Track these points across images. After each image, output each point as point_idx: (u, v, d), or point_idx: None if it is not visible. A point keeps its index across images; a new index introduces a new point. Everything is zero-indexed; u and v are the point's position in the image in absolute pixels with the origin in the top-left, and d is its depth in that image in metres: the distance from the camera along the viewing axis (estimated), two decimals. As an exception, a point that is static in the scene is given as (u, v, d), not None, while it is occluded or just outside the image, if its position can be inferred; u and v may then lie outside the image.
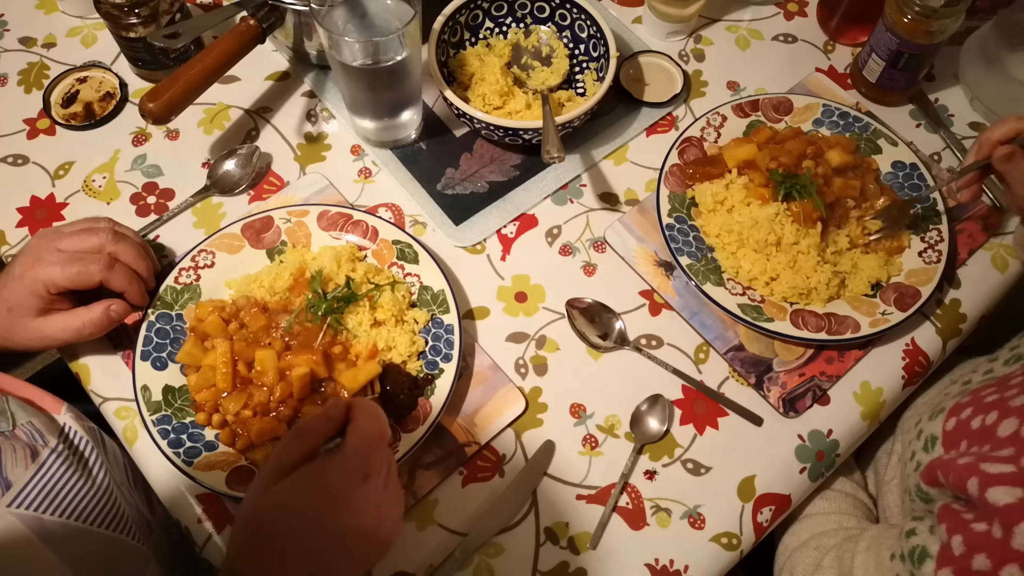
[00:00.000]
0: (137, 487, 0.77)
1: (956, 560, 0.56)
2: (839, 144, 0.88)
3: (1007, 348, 0.76)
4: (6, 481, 0.62)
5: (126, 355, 0.80)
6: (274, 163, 0.92)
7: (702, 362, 0.83)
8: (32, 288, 0.72)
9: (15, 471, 0.62)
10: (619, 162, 0.94)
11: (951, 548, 0.57)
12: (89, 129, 0.93)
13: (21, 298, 0.72)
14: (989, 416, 0.59)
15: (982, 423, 0.60)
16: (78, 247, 0.74)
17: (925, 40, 0.88)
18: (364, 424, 0.58)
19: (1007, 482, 0.53)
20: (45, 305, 0.73)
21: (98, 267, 0.73)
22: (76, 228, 0.76)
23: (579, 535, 0.75)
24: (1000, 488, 0.53)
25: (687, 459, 0.78)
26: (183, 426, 0.74)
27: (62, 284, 0.72)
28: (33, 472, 0.63)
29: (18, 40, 0.99)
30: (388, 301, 0.78)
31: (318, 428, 0.58)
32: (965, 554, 0.55)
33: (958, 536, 0.56)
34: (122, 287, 0.75)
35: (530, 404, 0.80)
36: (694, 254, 0.84)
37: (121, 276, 0.75)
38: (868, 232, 0.85)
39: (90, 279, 0.73)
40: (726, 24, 1.04)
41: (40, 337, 0.74)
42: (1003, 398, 0.60)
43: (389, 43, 0.79)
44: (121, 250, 0.75)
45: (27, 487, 0.62)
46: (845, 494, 0.83)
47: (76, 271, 0.72)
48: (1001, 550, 0.52)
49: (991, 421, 0.59)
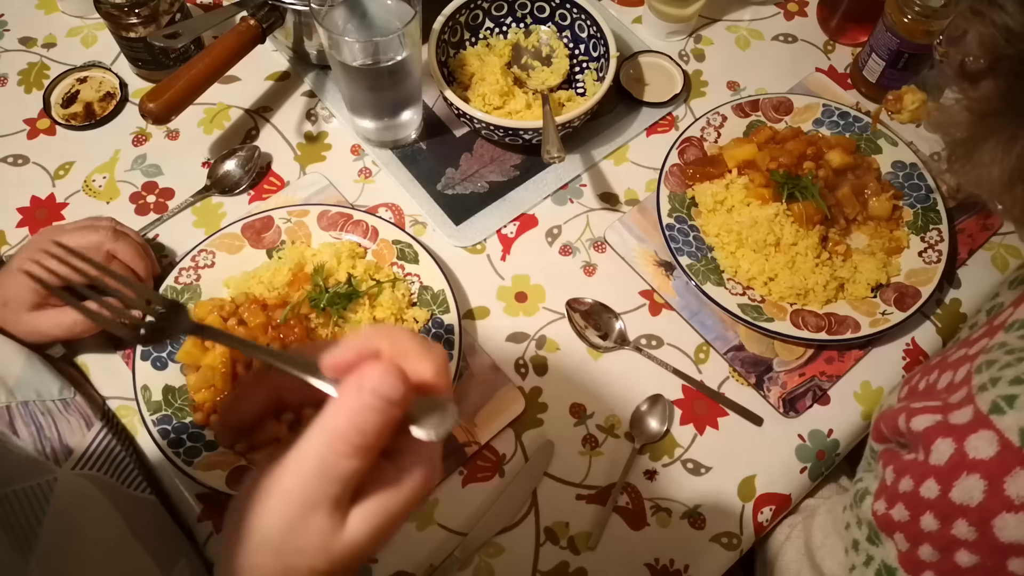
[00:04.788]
0: None
1: (888, 489, 0.59)
2: (839, 144, 0.88)
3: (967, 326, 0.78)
4: (66, 448, 0.68)
5: (126, 354, 0.80)
6: (274, 163, 0.92)
7: (702, 362, 0.83)
8: (28, 282, 0.72)
9: (74, 438, 0.69)
10: (619, 162, 0.94)
11: (885, 480, 0.60)
12: (89, 129, 0.93)
13: (17, 291, 0.73)
14: (932, 376, 0.62)
15: (927, 383, 0.63)
16: (77, 243, 0.75)
17: (925, 40, 0.88)
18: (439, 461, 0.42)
19: (929, 412, 0.56)
20: (40, 299, 0.74)
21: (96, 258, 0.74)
22: (77, 226, 0.77)
23: (579, 535, 0.75)
24: (923, 416, 0.56)
25: (687, 459, 0.78)
26: (183, 426, 0.74)
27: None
28: (91, 438, 0.70)
29: (18, 40, 0.99)
30: (388, 300, 0.78)
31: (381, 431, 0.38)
32: (895, 480, 0.58)
33: (891, 467, 0.59)
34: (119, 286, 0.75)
35: (530, 404, 0.80)
36: (694, 254, 0.84)
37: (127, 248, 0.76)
38: None
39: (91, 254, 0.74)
40: (726, 24, 1.04)
41: (33, 331, 0.74)
42: (944, 358, 0.63)
43: (389, 43, 0.79)
44: (120, 248, 0.76)
45: (87, 452, 0.69)
46: (834, 484, 0.83)
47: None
48: (921, 469, 0.55)
49: (933, 380, 0.62)
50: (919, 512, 0.55)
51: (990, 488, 0.51)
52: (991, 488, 0.51)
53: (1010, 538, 0.50)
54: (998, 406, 0.51)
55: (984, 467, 0.51)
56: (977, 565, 0.53)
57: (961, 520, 0.52)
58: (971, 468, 0.52)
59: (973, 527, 0.52)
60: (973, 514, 0.52)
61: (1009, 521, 0.50)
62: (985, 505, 0.51)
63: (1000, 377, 0.53)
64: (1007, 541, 0.51)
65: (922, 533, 0.55)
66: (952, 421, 0.54)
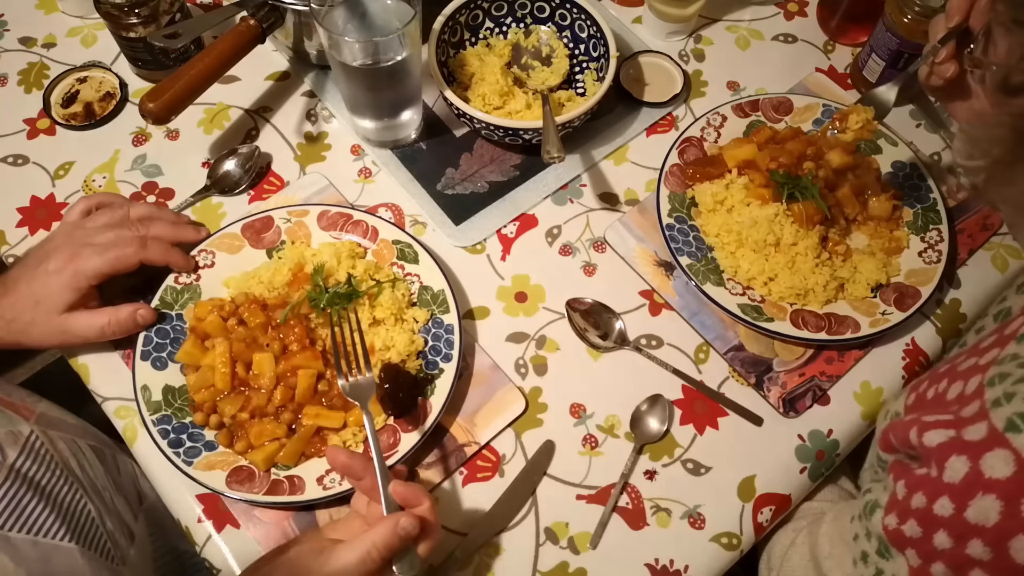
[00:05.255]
0: (121, 492, 0.76)
1: (899, 503, 0.58)
2: (839, 144, 0.88)
3: (973, 330, 0.77)
4: None
5: (126, 354, 0.80)
6: (274, 163, 0.92)
7: (702, 362, 0.83)
8: (71, 282, 0.73)
9: None
10: (619, 162, 0.94)
11: (896, 494, 0.59)
12: (89, 129, 0.93)
13: (54, 291, 0.73)
14: (941, 385, 0.61)
15: (935, 392, 0.62)
16: (109, 238, 0.76)
17: (925, 40, 0.88)
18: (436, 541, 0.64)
19: (942, 426, 0.55)
20: (78, 299, 0.74)
21: (133, 248, 0.75)
22: (97, 224, 0.78)
23: (579, 535, 0.75)
24: (935, 431, 0.55)
25: (687, 459, 0.78)
26: (183, 426, 0.74)
27: (103, 271, 0.74)
28: None
29: (18, 40, 0.99)
30: (387, 300, 0.78)
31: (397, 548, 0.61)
32: (907, 495, 0.57)
33: (902, 481, 0.58)
34: (162, 259, 0.77)
35: (530, 404, 0.80)
36: (694, 254, 0.84)
37: (157, 249, 0.77)
38: None
39: (128, 261, 0.75)
40: (726, 24, 1.04)
41: (61, 332, 0.74)
42: (953, 366, 0.62)
43: (389, 43, 0.79)
44: (149, 216, 0.79)
45: None
46: (834, 485, 0.83)
47: (114, 256, 0.75)
48: (934, 485, 0.54)
49: (943, 389, 0.60)
50: (932, 530, 0.54)
51: (1006, 509, 0.49)
52: (1007, 509, 0.49)
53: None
54: (1014, 424, 0.50)
55: (1000, 487, 0.50)
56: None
57: (976, 540, 0.51)
58: (987, 488, 0.50)
59: (988, 547, 0.51)
60: (989, 534, 0.51)
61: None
62: (1001, 526, 0.50)
63: (1015, 393, 0.51)
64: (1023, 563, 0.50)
65: (935, 551, 0.54)
66: (966, 438, 0.53)
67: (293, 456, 0.73)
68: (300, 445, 0.73)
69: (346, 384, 0.68)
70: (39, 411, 0.74)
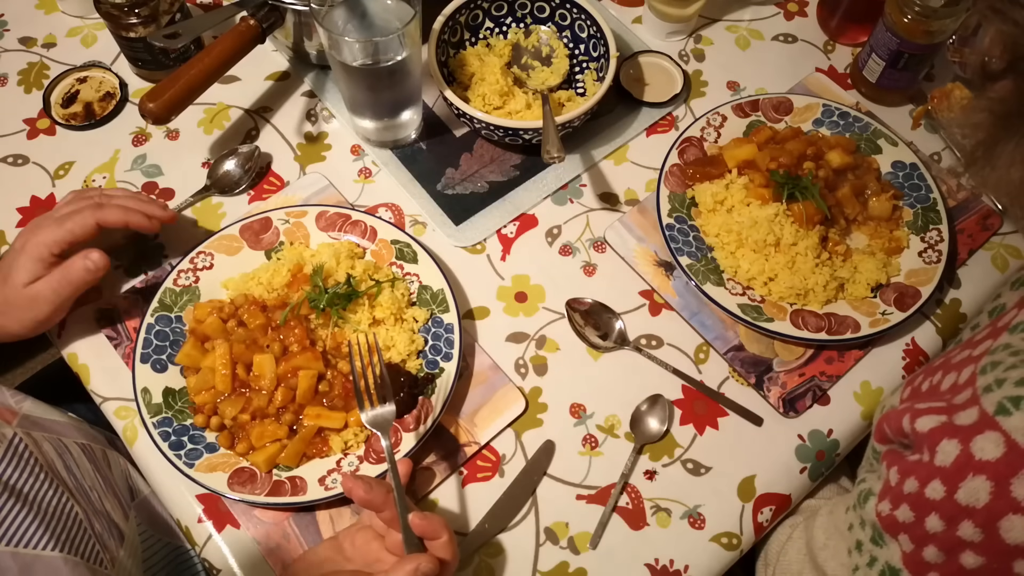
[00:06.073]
0: (111, 490, 0.76)
1: (892, 490, 0.59)
2: (839, 144, 0.88)
3: (969, 327, 0.77)
4: None
5: (126, 356, 0.80)
6: (274, 163, 0.92)
7: (702, 362, 0.83)
8: (34, 253, 0.74)
9: None
10: (619, 162, 0.94)
11: (889, 481, 0.60)
12: (89, 129, 0.93)
13: (20, 264, 0.74)
14: (936, 377, 0.62)
15: (930, 384, 0.62)
16: (66, 211, 0.76)
17: (925, 40, 0.88)
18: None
19: (934, 412, 0.56)
20: (41, 269, 0.74)
21: (89, 211, 0.75)
22: (65, 199, 0.79)
23: (579, 535, 0.75)
24: (927, 416, 0.56)
25: (687, 459, 0.78)
26: (184, 428, 0.74)
27: (62, 238, 0.74)
28: None
29: (18, 40, 0.99)
30: (387, 299, 0.78)
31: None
32: (899, 481, 0.58)
33: (895, 468, 0.59)
34: (120, 220, 0.76)
35: (530, 404, 0.80)
36: (694, 254, 0.84)
37: (114, 211, 0.76)
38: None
39: (85, 224, 0.75)
40: (726, 24, 1.04)
41: (31, 302, 0.74)
42: (948, 359, 0.63)
43: (389, 43, 0.79)
44: (111, 193, 0.79)
45: None
46: (834, 484, 0.83)
47: (71, 222, 0.75)
48: (926, 469, 0.55)
49: (937, 380, 0.61)
50: (924, 513, 0.55)
51: (996, 489, 0.50)
52: (997, 489, 0.50)
53: (1016, 540, 0.50)
54: (1004, 407, 0.51)
55: (990, 468, 0.51)
56: (982, 566, 0.53)
57: (967, 521, 0.52)
58: (977, 469, 0.51)
59: (979, 528, 0.52)
60: (979, 515, 0.52)
61: (1015, 523, 0.50)
62: (991, 506, 0.51)
63: (1006, 378, 0.52)
64: (1013, 543, 0.51)
65: (927, 534, 0.55)
66: (957, 422, 0.54)
67: (294, 457, 0.73)
68: (301, 446, 0.73)
69: (367, 415, 0.68)
70: (23, 412, 0.73)
